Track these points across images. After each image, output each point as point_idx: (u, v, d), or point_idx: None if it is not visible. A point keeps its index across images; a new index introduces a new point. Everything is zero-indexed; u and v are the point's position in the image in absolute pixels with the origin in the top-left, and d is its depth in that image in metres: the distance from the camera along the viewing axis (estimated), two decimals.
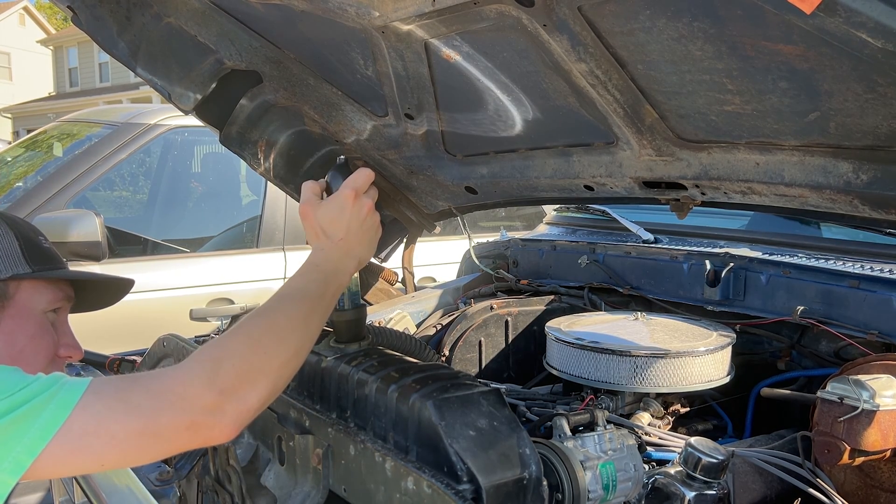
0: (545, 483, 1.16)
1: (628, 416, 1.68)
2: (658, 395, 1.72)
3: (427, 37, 1.43)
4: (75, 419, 0.93)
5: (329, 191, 1.36)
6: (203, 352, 1.07)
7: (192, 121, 2.07)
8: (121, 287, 1.51)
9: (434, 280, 3.84)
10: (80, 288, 1.42)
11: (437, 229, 2.55)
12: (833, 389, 1.44)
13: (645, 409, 1.69)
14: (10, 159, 4.65)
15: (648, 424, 1.64)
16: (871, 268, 1.82)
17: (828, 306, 1.79)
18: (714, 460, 1.29)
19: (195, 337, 2.05)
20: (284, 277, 3.98)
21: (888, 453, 1.44)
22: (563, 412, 1.40)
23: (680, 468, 1.33)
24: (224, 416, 1.02)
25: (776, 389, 1.66)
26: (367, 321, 1.60)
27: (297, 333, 1.14)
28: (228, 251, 4.07)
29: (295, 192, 2.13)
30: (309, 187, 1.35)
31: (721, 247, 2.19)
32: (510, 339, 2.22)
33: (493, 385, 1.45)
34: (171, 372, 1.03)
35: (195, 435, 1.02)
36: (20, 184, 4.14)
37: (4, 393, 0.93)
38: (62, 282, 1.37)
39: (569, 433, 1.33)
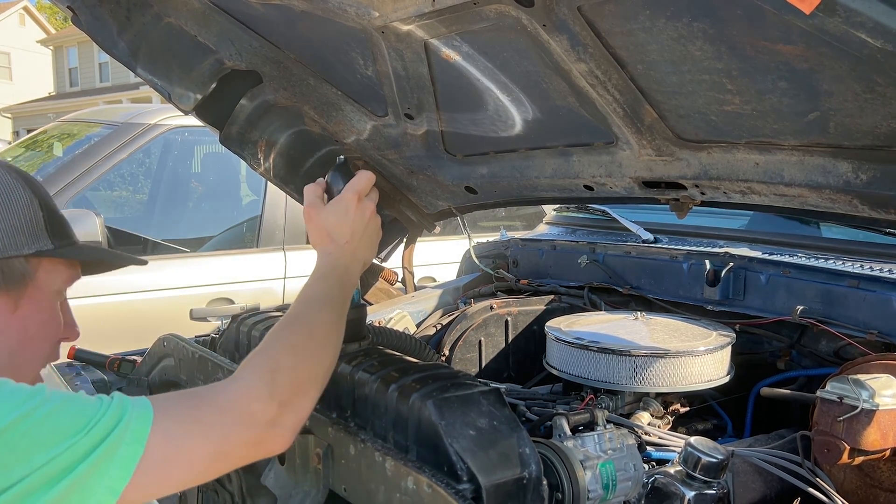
0: (545, 482, 1.16)
1: (628, 415, 1.68)
2: (658, 394, 1.72)
3: (427, 37, 1.43)
4: (154, 447, 0.91)
5: (329, 191, 1.36)
6: (255, 364, 1.07)
7: (192, 121, 2.07)
8: (127, 263, 1.36)
9: (434, 280, 3.84)
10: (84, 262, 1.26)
11: (437, 229, 2.55)
12: (833, 389, 1.44)
13: (645, 409, 1.69)
14: (10, 159, 4.65)
15: (648, 424, 1.63)
16: (871, 268, 1.82)
17: (828, 306, 1.79)
18: (714, 460, 1.29)
19: (195, 337, 2.05)
20: (284, 277, 3.98)
21: (888, 453, 1.44)
22: (562, 412, 1.40)
23: (680, 468, 1.33)
24: (283, 428, 1.04)
25: (776, 389, 1.66)
26: (367, 321, 1.60)
27: (333, 339, 1.18)
28: (228, 251, 4.07)
29: (295, 193, 2.13)
30: (311, 190, 1.35)
31: (721, 247, 2.19)
32: (510, 339, 2.22)
33: (493, 385, 1.45)
34: (231, 387, 1.03)
35: (258, 449, 1.03)
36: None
37: (77, 432, 0.87)
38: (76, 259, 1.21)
39: (569, 433, 1.33)
